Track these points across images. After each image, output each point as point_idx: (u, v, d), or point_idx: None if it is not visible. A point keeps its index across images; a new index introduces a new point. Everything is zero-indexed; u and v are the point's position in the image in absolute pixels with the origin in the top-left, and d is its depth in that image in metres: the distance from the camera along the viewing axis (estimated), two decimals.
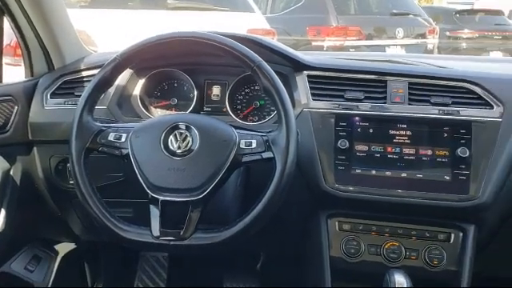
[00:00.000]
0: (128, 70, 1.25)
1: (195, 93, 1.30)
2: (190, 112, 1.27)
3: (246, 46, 0.99)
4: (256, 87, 1.29)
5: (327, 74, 1.20)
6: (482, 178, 1.05)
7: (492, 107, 1.10)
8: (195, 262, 1.67)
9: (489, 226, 1.14)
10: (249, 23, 4.03)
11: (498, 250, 1.26)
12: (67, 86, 1.30)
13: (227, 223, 0.95)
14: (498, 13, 8.57)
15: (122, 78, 1.26)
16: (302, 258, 1.35)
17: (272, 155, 0.94)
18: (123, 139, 0.98)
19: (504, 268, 1.42)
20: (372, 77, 1.18)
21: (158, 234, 0.93)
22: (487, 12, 8.47)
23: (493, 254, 1.26)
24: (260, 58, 0.97)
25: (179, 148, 0.95)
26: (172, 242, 0.93)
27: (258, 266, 1.76)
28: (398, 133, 1.10)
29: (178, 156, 0.95)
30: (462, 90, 1.13)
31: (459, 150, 1.06)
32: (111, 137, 0.98)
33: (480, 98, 1.11)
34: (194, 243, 0.92)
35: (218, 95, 1.32)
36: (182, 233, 0.92)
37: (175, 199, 0.93)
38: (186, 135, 0.96)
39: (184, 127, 0.97)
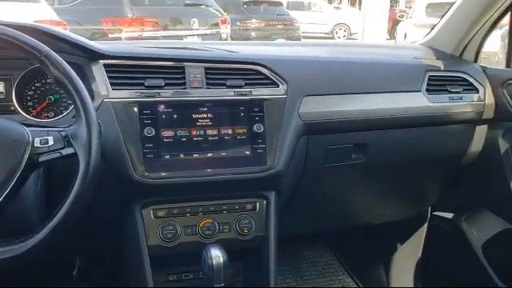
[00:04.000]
0: None
1: None
2: None
3: (32, 36, 0.90)
4: (48, 80, 1.19)
5: (125, 62, 1.17)
6: (276, 150, 1.17)
7: (278, 86, 1.22)
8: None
9: (285, 192, 1.28)
10: (34, 14, 3.67)
11: (294, 212, 1.43)
12: None
13: (31, 231, 0.86)
14: (278, 4, 9.57)
15: None
16: (121, 253, 1.32)
17: (73, 151, 0.89)
18: None
19: (302, 227, 1.63)
20: (170, 63, 1.19)
21: None
22: (269, 3, 9.37)
23: (291, 217, 1.43)
24: (47, 48, 0.90)
25: None
26: None
27: (74, 272, 1.65)
28: (200, 116, 1.14)
29: None
30: (252, 72, 1.23)
31: (255, 126, 1.15)
32: None
33: (267, 78, 1.22)
34: None
35: (2, 92, 1.18)
36: None
37: None
38: None
39: None
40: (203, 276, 1.11)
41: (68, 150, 0.89)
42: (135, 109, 1.10)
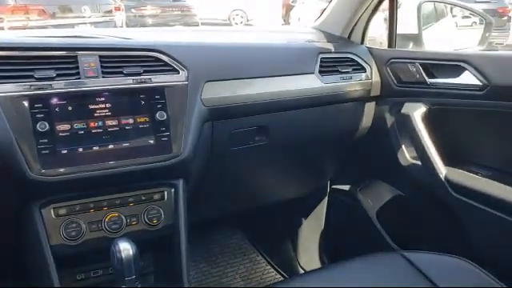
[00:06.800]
0: None
1: None
2: None
3: None
4: None
5: (10, 53, 1.09)
6: (181, 137, 1.16)
7: (178, 72, 1.21)
8: None
9: (193, 178, 1.29)
10: None
11: (203, 198, 1.45)
12: None
13: None
14: None
15: None
16: (22, 257, 1.24)
17: None
18: None
19: (212, 211, 1.66)
20: (61, 53, 1.13)
21: None
22: None
23: (201, 202, 1.44)
24: None
25: None
26: None
27: None
28: (97, 107, 1.10)
29: None
30: (150, 59, 1.20)
31: (157, 114, 1.14)
32: None
33: (167, 64, 1.21)
34: None
35: None
36: None
37: None
38: None
39: None
40: (113, 271, 1.08)
41: None
42: (25, 103, 1.03)
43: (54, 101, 1.06)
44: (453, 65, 1.39)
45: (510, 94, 1.25)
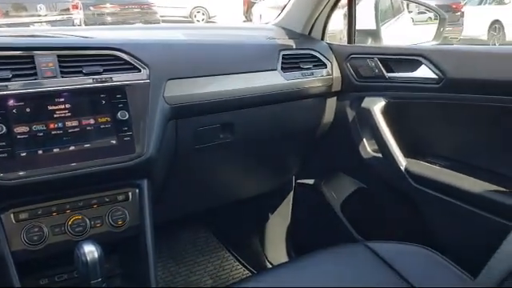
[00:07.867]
0: None
1: None
2: None
3: None
4: None
5: None
6: (144, 136, 1.15)
7: (140, 70, 1.19)
8: None
9: (158, 177, 1.28)
10: None
11: (169, 196, 1.44)
12: None
13: None
14: None
15: None
16: None
17: None
18: None
19: (178, 210, 1.65)
20: (17, 53, 1.10)
21: None
22: None
23: (167, 201, 1.43)
24: None
25: None
26: None
27: None
28: (57, 107, 1.08)
29: None
30: (110, 58, 1.18)
31: (119, 114, 1.12)
32: None
33: (127, 63, 1.19)
34: None
35: None
36: None
37: None
38: None
39: None
40: (78, 275, 1.06)
41: None
42: None
43: (11, 102, 1.03)
44: (410, 59, 1.43)
45: (464, 86, 1.30)
